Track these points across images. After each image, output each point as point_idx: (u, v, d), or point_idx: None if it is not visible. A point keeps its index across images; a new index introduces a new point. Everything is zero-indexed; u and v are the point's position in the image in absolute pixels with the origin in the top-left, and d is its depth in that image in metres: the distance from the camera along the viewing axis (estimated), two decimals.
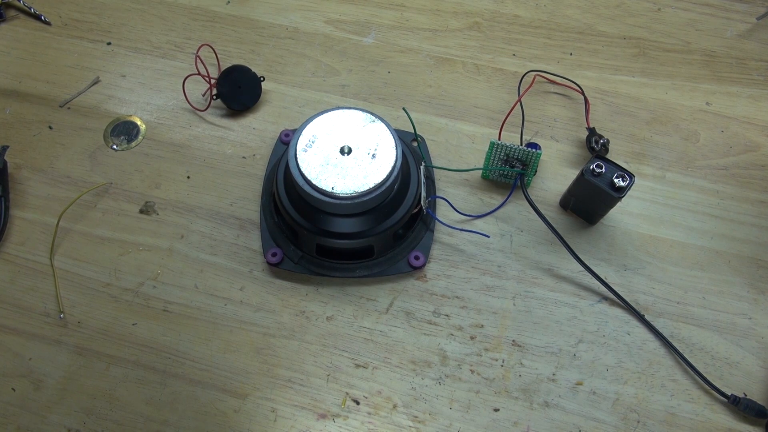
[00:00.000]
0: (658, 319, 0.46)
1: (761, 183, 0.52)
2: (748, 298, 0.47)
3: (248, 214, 0.50)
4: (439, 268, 0.48)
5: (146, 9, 0.62)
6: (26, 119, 0.55)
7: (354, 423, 0.42)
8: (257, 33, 0.61)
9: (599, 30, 0.61)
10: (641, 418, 0.43)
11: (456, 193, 0.51)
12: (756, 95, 0.57)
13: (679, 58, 0.59)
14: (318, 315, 0.46)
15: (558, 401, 0.43)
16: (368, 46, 0.60)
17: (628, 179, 0.44)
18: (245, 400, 0.43)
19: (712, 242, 0.49)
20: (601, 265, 0.48)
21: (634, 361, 0.44)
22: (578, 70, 0.58)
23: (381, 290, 0.47)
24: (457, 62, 0.59)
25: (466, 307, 0.46)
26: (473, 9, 0.62)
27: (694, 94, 0.57)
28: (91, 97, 0.56)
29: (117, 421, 0.42)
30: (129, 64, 0.58)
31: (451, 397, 0.43)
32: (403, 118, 0.52)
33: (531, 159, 0.49)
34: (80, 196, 0.50)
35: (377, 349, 0.45)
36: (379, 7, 0.62)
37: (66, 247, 0.48)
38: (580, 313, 0.46)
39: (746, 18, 0.62)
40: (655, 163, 0.53)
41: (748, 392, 0.43)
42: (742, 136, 0.55)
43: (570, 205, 0.50)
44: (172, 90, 0.57)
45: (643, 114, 0.56)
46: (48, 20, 0.61)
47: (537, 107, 0.56)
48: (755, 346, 0.45)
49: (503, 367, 0.44)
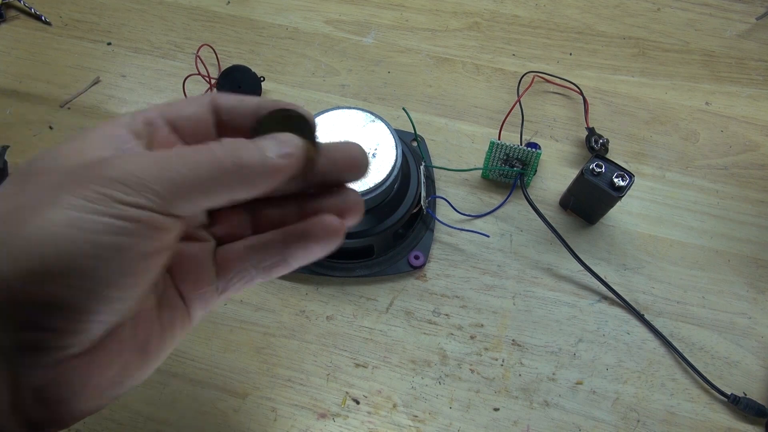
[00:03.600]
0: (658, 318, 0.46)
1: (761, 183, 0.52)
2: (747, 298, 0.47)
3: None
4: (439, 268, 0.48)
5: (146, 9, 0.62)
6: (27, 119, 0.55)
7: (354, 422, 0.42)
8: (257, 33, 0.61)
9: (599, 30, 0.61)
10: (641, 418, 0.43)
11: (456, 193, 0.51)
12: (755, 95, 0.57)
13: (678, 58, 0.59)
14: (318, 314, 0.46)
15: (558, 400, 0.43)
16: (368, 46, 0.60)
17: (627, 179, 0.44)
18: (245, 400, 0.43)
19: (712, 242, 0.49)
20: (600, 264, 0.48)
21: (633, 360, 0.45)
22: (578, 69, 0.58)
23: (381, 290, 0.47)
24: (456, 62, 0.59)
25: (466, 306, 0.46)
26: (473, 9, 0.62)
27: (693, 93, 0.57)
28: (92, 97, 0.56)
29: (117, 420, 0.42)
30: (129, 65, 0.59)
31: (451, 397, 0.43)
32: (403, 118, 0.52)
33: (531, 159, 0.49)
34: None
35: (377, 348, 0.45)
36: (379, 7, 0.62)
37: None
38: (580, 312, 0.46)
39: (745, 18, 0.62)
40: (654, 163, 0.53)
41: (748, 391, 0.43)
42: (742, 136, 0.55)
43: (570, 204, 0.50)
44: (172, 90, 0.57)
45: (643, 114, 0.56)
46: (48, 20, 0.61)
47: (537, 107, 0.56)
48: (755, 345, 0.45)
49: (503, 367, 0.44)
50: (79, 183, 0.18)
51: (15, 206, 0.18)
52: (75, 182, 0.18)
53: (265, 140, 0.21)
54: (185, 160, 0.20)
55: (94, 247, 0.18)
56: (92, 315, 0.18)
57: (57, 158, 0.20)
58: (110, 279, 0.18)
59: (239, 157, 0.20)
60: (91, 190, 0.18)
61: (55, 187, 0.18)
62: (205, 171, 0.20)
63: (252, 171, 0.20)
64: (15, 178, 0.20)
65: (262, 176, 0.21)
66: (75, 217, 0.18)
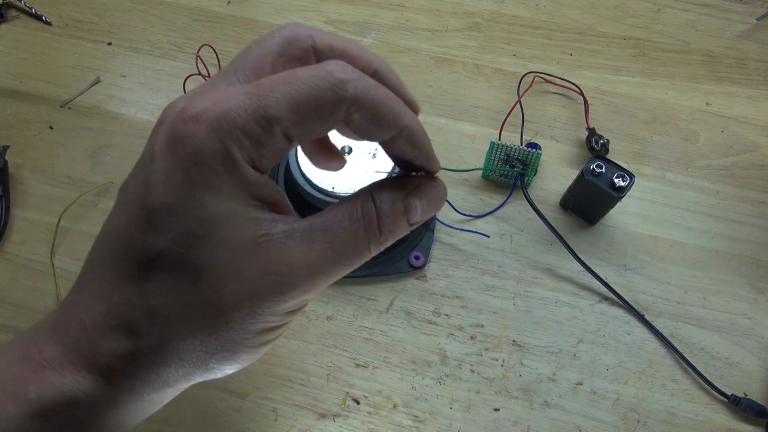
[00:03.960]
0: (658, 318, 0.46)
1: (761, 183, 0.52)
2: (747, 298, 0.47)
3: None
4: (439, 268, 0.48)
5: (147, 9, 0.62)
6: (27, 119, 0.55)
7: (354, 422, 0.42)
8: (257, 33, 0.61)
9: (599, 30, 0.61)
10: (641, 418, 0.43)
11: (456, 193, 0.51)
12: (755, 95, 0.57)
13: (678, 59, 0.59)
14: (318, 314, 0.46)
15: (558, 401, 0.43)
16: (368, 46, 0.60)
17: (628, 179, 0.44)
18: (245, 400, 0.43)
19: (712, 242, 0.49)
20: (601, 265, 0.48)
21: (634, 360, 0.44)
22: (578, 70, 0.58)
23: (381, 290, 0.47)
24: (457, 62, 0.59)
25: (466, 306, 0.46)
26: (473, 9, 0.62)
27: (693, 94, 0.57)
28: (92, 97, 0.56)
29: None
30: (129, 65, 0.59)
31: (451, 397, 0.43)
32: None
33: (531, 159, 0.49)
34: (81, 196, 0.50)
35: (377, 348, 0.45)
36: (379, 7, 0.62)
37: (66, 246, 0.48)
38: (580, 312, 0.46)
39: (746, 18, 0.62)
40: (654, 163, 0.53)
41: (748, 392, 0.43)
42: (742, 136, 0.55)
43: (570, 205, 0.50)
44: (172, 90, 0.57)
45: (643, 114, 0.56)
46: (49, 20, 0.61)
47: (537, 107, 0.56)
48: (755, 345, 0.45)
49: (503, 367, 0.44)
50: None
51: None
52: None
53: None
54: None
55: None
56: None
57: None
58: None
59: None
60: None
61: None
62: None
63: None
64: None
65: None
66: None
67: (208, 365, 0.22)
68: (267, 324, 0.22)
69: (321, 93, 0.20)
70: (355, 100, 0.20)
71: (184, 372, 0.22)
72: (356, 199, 0.23)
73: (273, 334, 0.24)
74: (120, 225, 0.21)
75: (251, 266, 0.21)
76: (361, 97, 0.20)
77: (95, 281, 0.22)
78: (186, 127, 0.20)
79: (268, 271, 0.21)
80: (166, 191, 0.20)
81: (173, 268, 0.20)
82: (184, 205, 0.20)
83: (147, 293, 0.20)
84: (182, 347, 0.21)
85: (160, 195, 0.20)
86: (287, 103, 0.19)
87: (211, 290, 0.20)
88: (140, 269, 0.21)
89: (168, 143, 0.20)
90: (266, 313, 0.22)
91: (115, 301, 0.21)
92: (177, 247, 0.20)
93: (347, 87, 0.20)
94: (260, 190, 0.21)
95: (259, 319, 0.22)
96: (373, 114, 0.20)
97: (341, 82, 0.20)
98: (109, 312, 0.21)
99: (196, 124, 0.19)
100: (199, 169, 0.19)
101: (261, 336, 0.23)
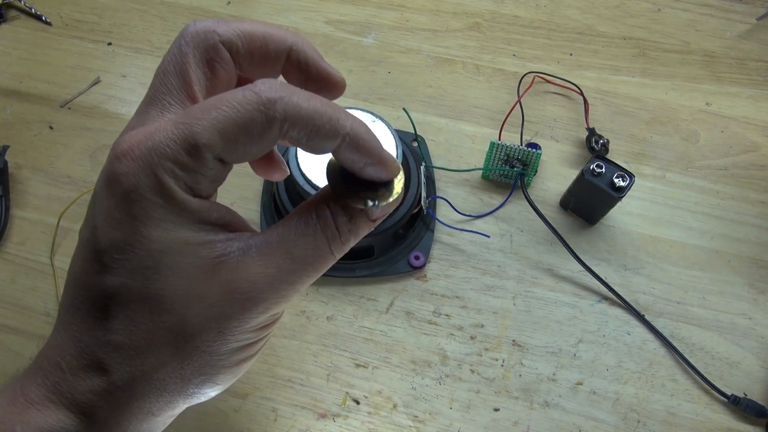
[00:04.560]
0: (658, 319, 0.46)
1: (761, 183, 0.52)
2: (748, 298, 0.47)
3: (248, 214, 0.50)
4: (439, 268, 0.48)
5: (147, 9, 0.62)
6: (27, 119, 0.55)
7: (354, 423, 0.42)
8: None
9: (599, 30, 0.61)
10: (641, 418, 0.43)
11: (456, 193, 0.51)
12: (756, 95, 0.57)
13: (678, 59, 0.59)
14: (318, 315, 0.46)
15: (558, 401, 0.43)
16: (368, 46, 0.60)
17: (628, 179, 0.44)
18: (245, 400, 0.43)
19: (712, 242, 0.49)
20: (601, 265, 0.48)
21: (634, 360, 0.44)
22: (578, 70, 0.58)
23: (381, 290, 0.47)
24: (457, 62, 0.59)
25: (466, 306, 0.46)
26: (473, 9, 0.62)
27: (694, 94, 0.57)
28: (92, 97, 0.56)
29: None
30: (130, 65, 0.59)
31: (451, 397, 0.43)
32: (404, 119, 0.52)
33: (531, 159, 0.49)
34: (81, 196, 0.50)
35: (377, 348, 0.45)
36: (379, 7, 0.62)
37: (66, 246, 0.48)
38: (580, 313, 0.46)
39: (746, 19, 0.62)
40: (655, 164, 0.53)
41: (748, 392, 0.43)
42: (742, 137, 0.55)
43: (570, 205, 0.50)
44: None
45: (643, 114, 0.56)
46: (49, 21, 0.61)
47: (537, 107, 0.56)
48: (755, 345, 0.45)
49: (503, 367, 0.44)
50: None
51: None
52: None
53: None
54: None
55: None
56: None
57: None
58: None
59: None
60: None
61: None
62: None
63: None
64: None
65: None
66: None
67: (188, 390, 0.23)
68: (240, 342, 0.22)
69: (249, 115, 0.19)
70: (286, 117, 0.20)
71: (166, 400, 0.23)
72: (310, 204, 0.23)
73: (249, 351, 0.24)
74: (76, 267, 0.22)
75: (212, 288, 0.21)
76: (292, 113, 0.20)
77: (67, 324, 0.22)
78: (119, 164, 0.20)
79: (230, 290, 0.21)
80: (111, 230, 0.20)
81: (131, 302, 0.21)
82: (130, 241, 0.20)
83: (111, 331, 0.21)
84: (156, 377, 0.22)
85: (106, 234, 0.20)
86: (215, 129, 0.19)
87: (175, 318, 0.21)
88: (99, 309, 0.21)
89: (105, 182, 0.21)
90: (236, 332, 0.22)
91: (85, 342, 0.22)
92: (133, 282, 0.20)
93: (275, 106, 0.19)
94: (206, 214, 0.21)
95: (229, 339, 0.22)
96: (310, 128, 0.20)
97: (269, 101, 0.19)
98: (81, 353, 0.22)
99: (128, 160, 0.20)
100: (138, 204, 0.20)
101: (236, 354, 0.23)
